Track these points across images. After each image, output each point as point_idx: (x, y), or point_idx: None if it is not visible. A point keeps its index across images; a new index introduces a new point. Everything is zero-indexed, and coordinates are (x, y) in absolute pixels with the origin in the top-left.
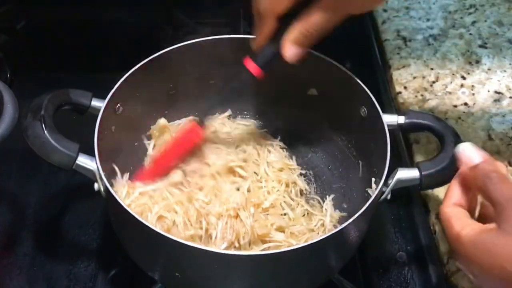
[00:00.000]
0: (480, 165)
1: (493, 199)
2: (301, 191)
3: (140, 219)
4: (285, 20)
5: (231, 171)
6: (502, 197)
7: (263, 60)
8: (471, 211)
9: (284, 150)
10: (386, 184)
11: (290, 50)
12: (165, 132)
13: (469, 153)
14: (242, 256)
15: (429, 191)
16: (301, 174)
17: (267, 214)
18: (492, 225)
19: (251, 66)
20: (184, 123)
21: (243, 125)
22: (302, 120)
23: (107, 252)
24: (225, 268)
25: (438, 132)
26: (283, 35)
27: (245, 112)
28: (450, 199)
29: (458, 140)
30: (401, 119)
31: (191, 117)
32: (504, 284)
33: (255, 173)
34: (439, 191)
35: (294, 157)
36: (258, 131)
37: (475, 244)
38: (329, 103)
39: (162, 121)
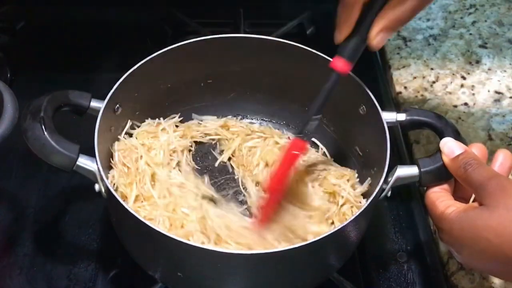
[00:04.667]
0: (460, 155)
1: (474, 182)
2: None
3: (142, 219)
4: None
5: None
6: (483, 177)
7: (351, 52)
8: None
9: None
10: (386, 181)
11: (379, 37)
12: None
13: (450, 146)
14: (244, 255)
15: None
16: None
17: None
18: (475, 204)
19: (341, 64)
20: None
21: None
22: (301, 117)
23: (107, 253)
24: (226, 267)
25: (438, 129)
26: (364, 24)
27: (244, 112)
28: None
29: (458, 136)
30: (400, 116)
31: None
32: (488, 256)
33: None
34: None
35: None
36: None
37: (460, 220)
38: (328, 101)
39: None
